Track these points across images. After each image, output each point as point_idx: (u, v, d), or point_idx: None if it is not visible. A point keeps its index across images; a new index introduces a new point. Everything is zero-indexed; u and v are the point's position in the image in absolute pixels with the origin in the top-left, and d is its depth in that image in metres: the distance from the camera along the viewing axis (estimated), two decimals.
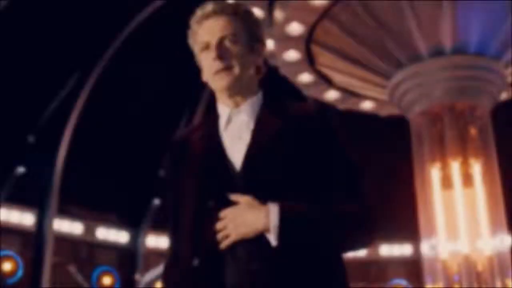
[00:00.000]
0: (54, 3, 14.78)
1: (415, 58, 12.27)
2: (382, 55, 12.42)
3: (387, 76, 12.81)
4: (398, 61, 12.43)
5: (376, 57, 12.49)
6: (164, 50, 16.34)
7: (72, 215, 17.17)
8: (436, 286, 11.59)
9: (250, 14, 2.29)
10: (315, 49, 12.77)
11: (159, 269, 4.23)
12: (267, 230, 1.97)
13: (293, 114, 2.17)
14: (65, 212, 16.88)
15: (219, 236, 2.01)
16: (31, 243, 16.13)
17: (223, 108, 2.22)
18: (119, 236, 18.09)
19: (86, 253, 17.41)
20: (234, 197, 2.03)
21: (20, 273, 15.56)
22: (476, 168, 11.76)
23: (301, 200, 2.00)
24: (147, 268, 17.45)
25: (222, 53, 2.16)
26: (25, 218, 16.25)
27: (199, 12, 2.24)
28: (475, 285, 11.14)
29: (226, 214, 2.02)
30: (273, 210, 1.96)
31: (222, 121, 2.21)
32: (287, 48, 12.74)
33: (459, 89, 12.25)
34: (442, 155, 11.99)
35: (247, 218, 1.99)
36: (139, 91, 17.00)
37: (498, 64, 12.30)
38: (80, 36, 15.40)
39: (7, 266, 15.47)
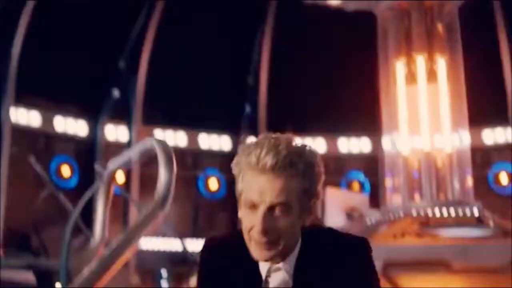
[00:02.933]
0: None
1: None
2: None
3: None
4: None
5: None
6: None
7: (30, 104, 16.84)
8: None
9: (312, 169, 1.95)
10: None
11: (122, 158, 4.10)
12: None
13: (331, 258, 1.98)
14: (22, 101, 16.55)
15: None
16: None
17: (262, 264, 2.00)
18: (78, 127, 17.88)
19: (43, 143, 17.22)
20: None
21: None
22: (441, 64, 11.78)
23: None
24: (106, 158, 17.33)
25: (268, 226, 1.88)
26: None
27: (253, 158, 1.89)
28: (434, 181, 11.35)
29: None
30: None
31: (262, 271, 2.00)
32: None
33: None
34: (408, 51, 12.00)
35: None
36: None
37: None
38: None
39: None
